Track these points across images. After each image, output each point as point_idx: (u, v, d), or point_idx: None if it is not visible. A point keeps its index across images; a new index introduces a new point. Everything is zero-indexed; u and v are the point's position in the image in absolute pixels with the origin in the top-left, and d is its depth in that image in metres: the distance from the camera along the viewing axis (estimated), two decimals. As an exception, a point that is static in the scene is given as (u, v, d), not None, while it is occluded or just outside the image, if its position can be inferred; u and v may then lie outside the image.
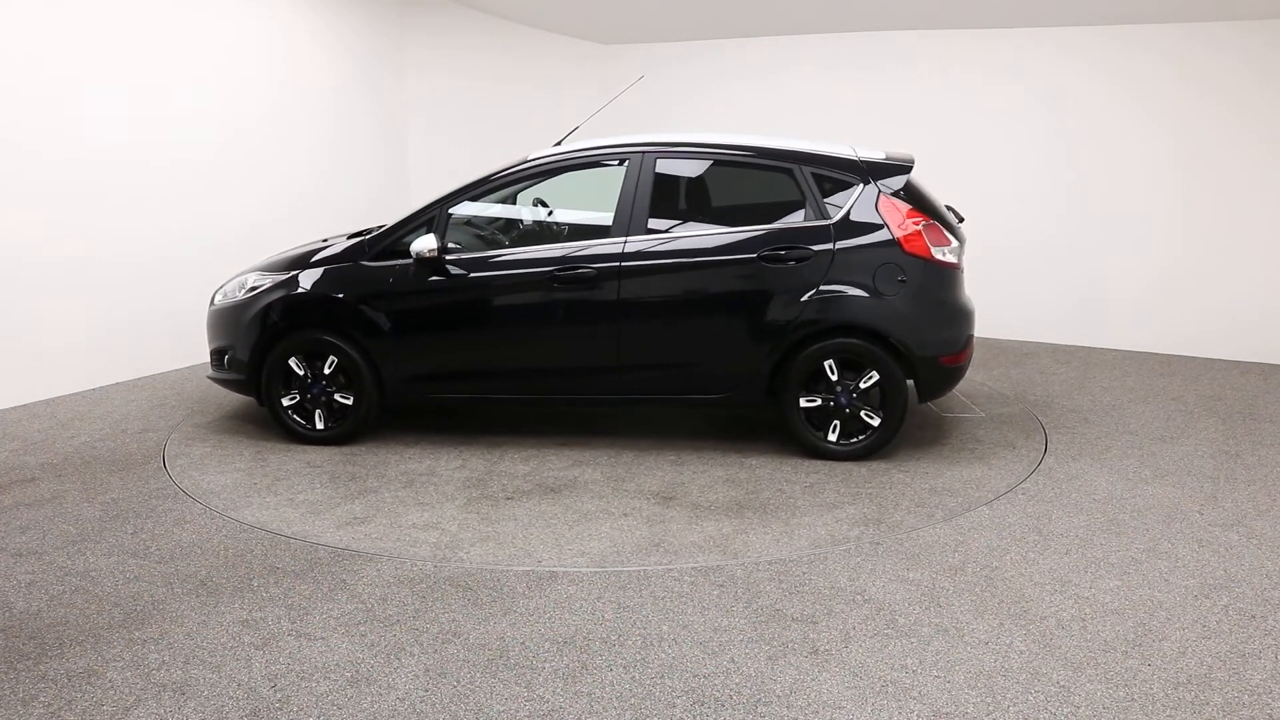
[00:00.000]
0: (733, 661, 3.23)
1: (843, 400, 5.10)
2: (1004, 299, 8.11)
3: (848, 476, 4.95)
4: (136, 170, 6.72)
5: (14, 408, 6.14)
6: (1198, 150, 7.52)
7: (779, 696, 3.02)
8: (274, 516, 4.54)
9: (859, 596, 3.68)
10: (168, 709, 2.97)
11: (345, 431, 5.48)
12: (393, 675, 3.15)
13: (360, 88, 8.37)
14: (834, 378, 5.09)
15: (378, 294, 5.32)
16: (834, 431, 5.14)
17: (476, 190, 5.40)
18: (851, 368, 5.10)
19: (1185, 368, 7.29)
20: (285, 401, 5.50)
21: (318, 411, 5.48)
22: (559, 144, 5.62)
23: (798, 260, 5.04)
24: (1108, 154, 7.82)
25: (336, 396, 5.45)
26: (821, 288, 5.03)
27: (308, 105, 7.91)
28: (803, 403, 5.13)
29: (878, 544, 4.15)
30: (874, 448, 5.14)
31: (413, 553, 4.09)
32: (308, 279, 5.45)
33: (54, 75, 6.18)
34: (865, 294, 5.01)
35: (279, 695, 3.04)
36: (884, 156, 5.28)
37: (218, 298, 5.78)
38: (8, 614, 3.56)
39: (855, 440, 5.14)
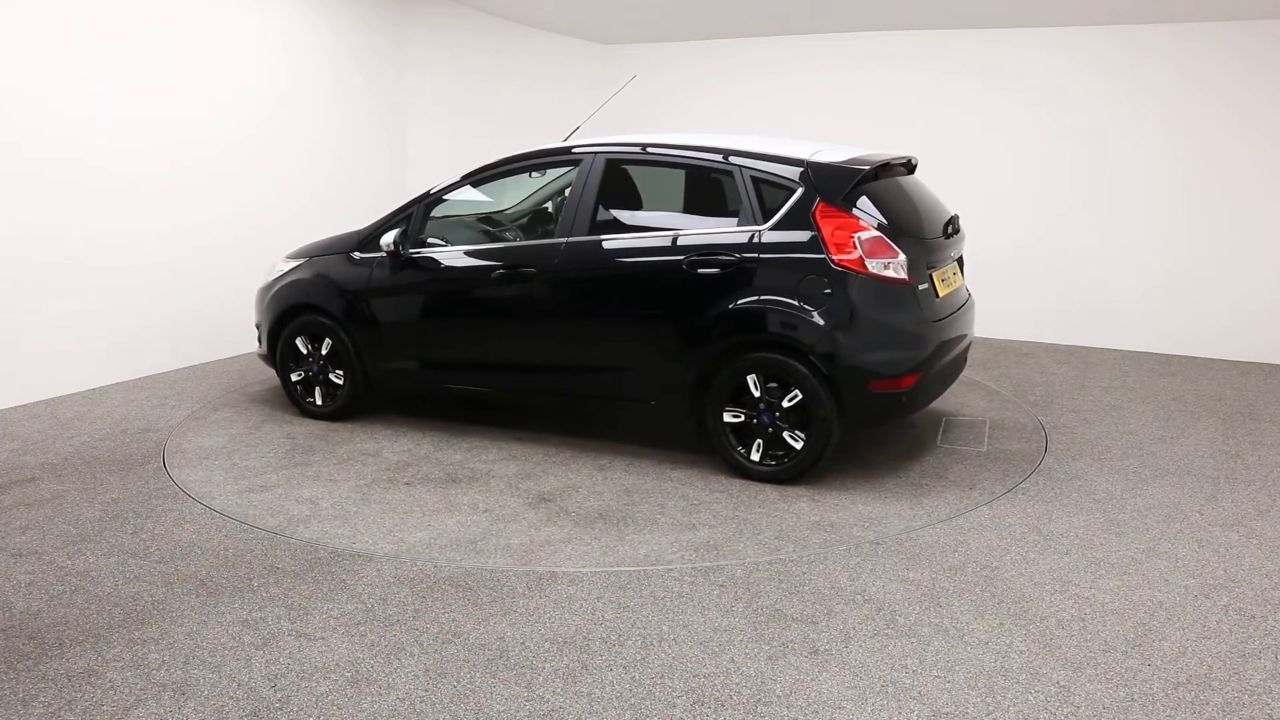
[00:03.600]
0: (733, 661, 3.23)
1: (765, 418, 4.80)
2: (1004, 299, 8.10)
3: (749, 499, 4.65)
4: (138, 171, 6.71)
5: (14, 408, 6.14)
6: (1198, 150, 7.51)
7: (779, 696, 3.02)
8: (201, 477, 4.99)
9: (859, 596, 3.68)
10: (168, 709, 2.97)
11: (339, 408, 5.90)
12: (393, 675, 3.15)
13: (361, 87, 8.37)
14: (756, 393, 4.78)
15: (359, 284, 5.72)
16: (756, 450, 4.84)
17: (451, 189, 5.65)
18: (780, 384, 4.77)
19: (1185, 368, 7.29)
20: (293, 378, 6.00)
21: (317, 388, 5.94)
22: (566, 140, 5.74)
23: (722, 268, 4.80)
24: (1108, 154, 7.82)
25: (331, 376, 5.88)
26: (745, 298, 4.74)
27: (308, 105, 7.91)
28: (727, 417, 4.88)
29: (877, 544, 4.15)
30: (798, 471, 4.76)
31: (264, 520, 4.42)
32: (312, 266, 5.92)
33: (54, 76, 6.17)
34: (789, 307, 4.67)
35: (279, 695, 3.04)
36: (844, 159, 4.89)
37: (264, 279, 6.28)
38: (8, 614, 3.56)
39: (777, 461, 4.82)
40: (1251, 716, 2.92)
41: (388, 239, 5.55)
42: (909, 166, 5.43)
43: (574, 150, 5.37)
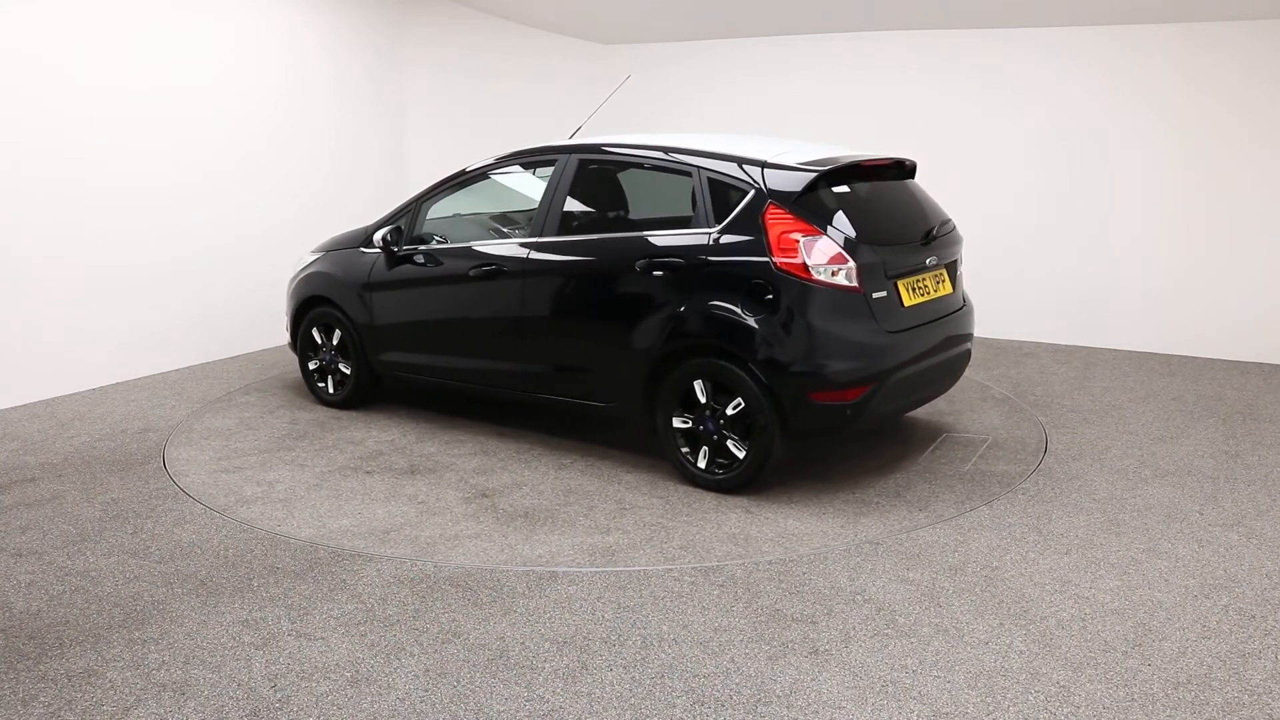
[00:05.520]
0: (733, 661, 3.23)
1: (709, 426, 4.70)
2: (1004, 299, 8.11)
3: (683, 507, 4.56)
4: (138, 171, 6.70)
5: (14, 408, 6.14)
6: (1198, 150, 7.51)
7: (779, 696, 3.03)
8: (187, 456, 5.29)
9: (859, 596, 3.68)
10: (168, 709, 2.97)
11: (347, 398, 6.11)
12: (393, 675, 3.15)
13: (361, 87, 8.37)
14: (703, 399, 4.69)
15: (361, 278, 5.91)
16: (703, 458, 4.73)
17: (444, 187, 5.79)
18: (725, 391, 4.65)
19: (1185, 368, 7.29)
20: (310, 366, 6.27)
21: (329, 377, 6.18)
22: (571, 138, 5.82)
23: (673, 270, 4.73)
24: (1107, 154, 7.82)
25: (341, 366, 6.11)
26: (691, 302, 4.65)
27: (308, 105, 7.91)
28: (676, 422, 4.79)
29: (877, 544, 4.15)
30: (741, 481, 4.63)
31: (215, 500, 4.64)
32: (328, 260, 6.15)
33: (54, 76, 6.17)
34: (730, 312, 4.55)
35: (279, 695, 3.04)
36: (806, 160, 4.71)
37: (292, 271, 6.54)
38: (8, 614, 3.57)
39: (722, 470, 4.69)
40: (1251, 716, 2.93)
41: (379, 235, 5.78)
42: (904, 168, 5.26)
43: (553, 152, 5.40)
